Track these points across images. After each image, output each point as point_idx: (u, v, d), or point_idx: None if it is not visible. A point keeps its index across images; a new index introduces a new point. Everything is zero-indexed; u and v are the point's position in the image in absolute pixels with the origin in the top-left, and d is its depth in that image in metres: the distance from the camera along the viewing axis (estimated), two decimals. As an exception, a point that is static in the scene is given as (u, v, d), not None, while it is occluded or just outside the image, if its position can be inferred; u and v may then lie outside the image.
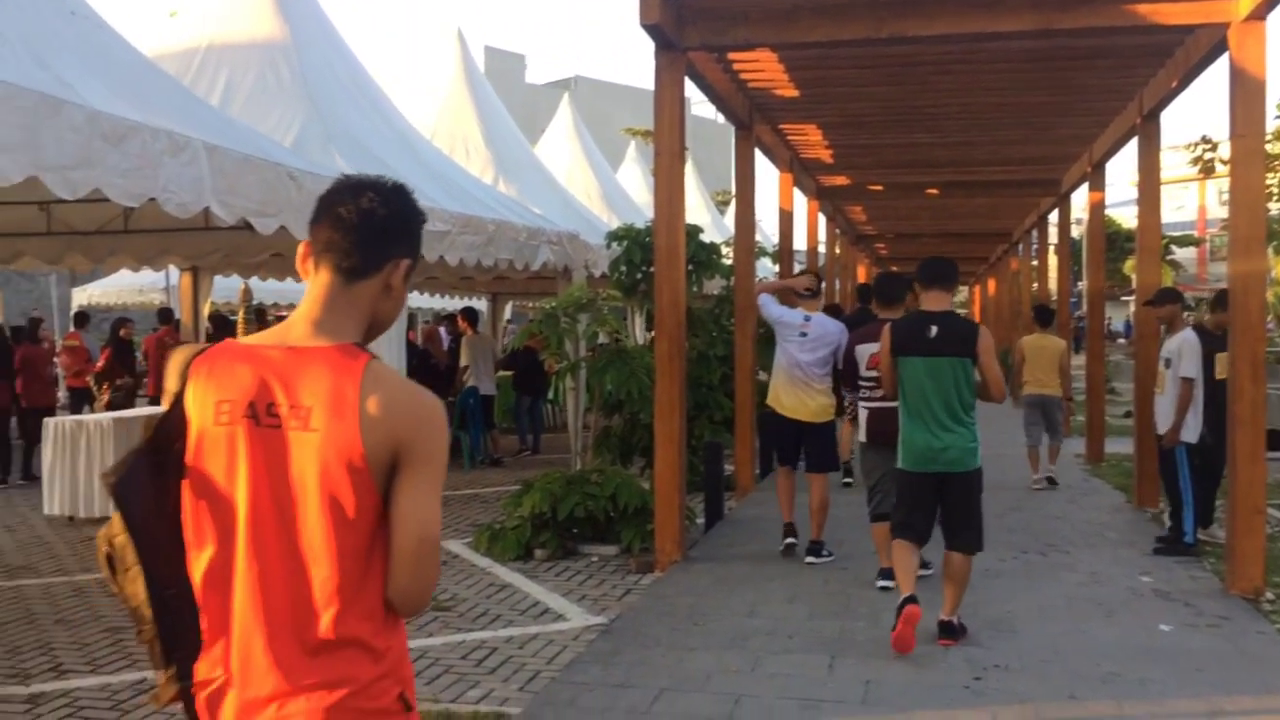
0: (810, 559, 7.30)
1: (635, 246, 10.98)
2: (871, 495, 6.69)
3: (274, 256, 10.03)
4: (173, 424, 1.88)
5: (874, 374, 6.45)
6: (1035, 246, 20.81)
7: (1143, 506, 9.30)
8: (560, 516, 7.74)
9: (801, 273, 8.55)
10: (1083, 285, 29.23)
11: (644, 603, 6.36)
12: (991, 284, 31.18)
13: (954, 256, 26.61)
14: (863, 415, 6.83)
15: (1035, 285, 21.16)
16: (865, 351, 6.72)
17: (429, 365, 12.51)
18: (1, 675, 5.30)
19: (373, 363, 1.86)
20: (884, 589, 6.32)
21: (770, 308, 7.83)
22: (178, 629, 1.88)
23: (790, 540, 7.57)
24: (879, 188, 17.20)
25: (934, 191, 16.90)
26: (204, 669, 1.87)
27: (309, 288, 1.94)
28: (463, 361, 12.64)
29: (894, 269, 30.09)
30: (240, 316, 4.07)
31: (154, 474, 1.89)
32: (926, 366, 5.43)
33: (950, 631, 5.46)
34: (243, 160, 6.55)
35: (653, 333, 8.67)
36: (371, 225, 1.92)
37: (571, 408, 10.85)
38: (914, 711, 4.49)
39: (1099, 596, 6.36)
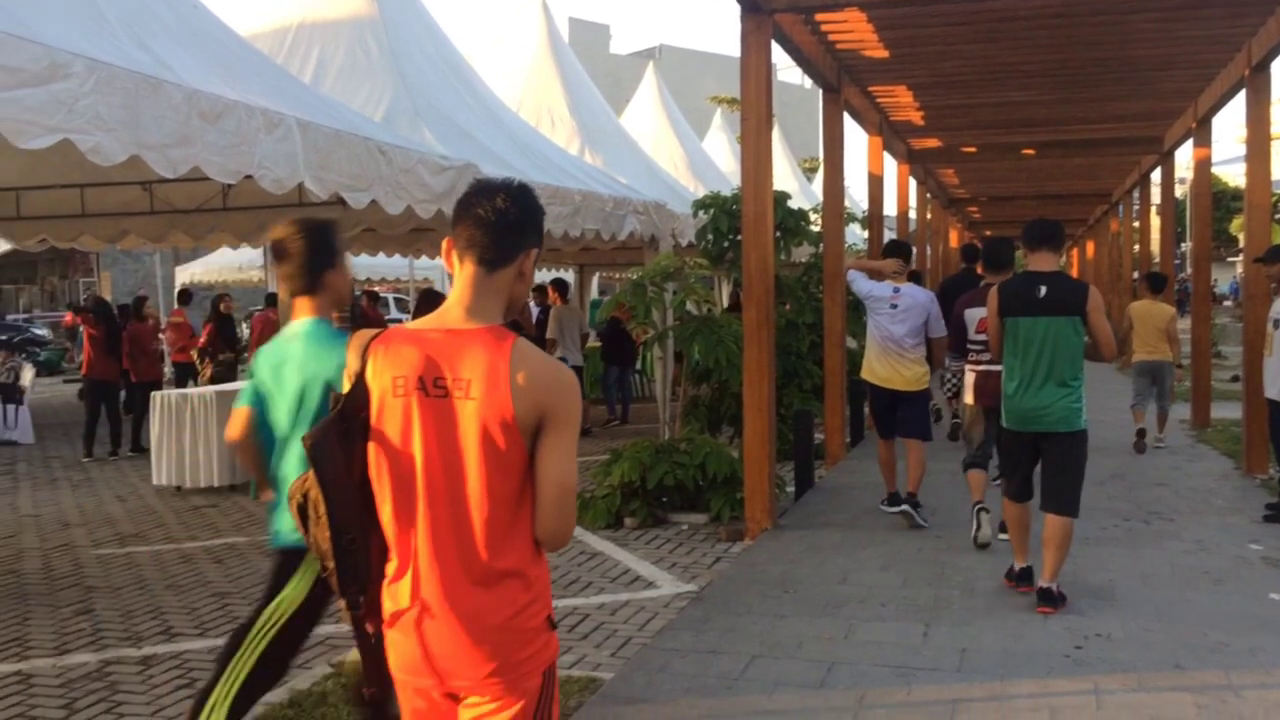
0: (904, 507, 7.44)
1: (722, 214, 10.89)
2: (970, 449, 6.94)
3: (365, 232, 10.19)
4: (357, 396, 2.23)
5: (982, 337, 6.58)
6: (1137, 207, 20.12)
7: (1251, 473, 8.96)
8: (649, 485, 7.77)
9: (889, 244, 8.48)
10: (1186, 246, 28.21)
11: (734, 570, 6.35)
12: (1090, 247, 30.31)
13: (1053, 218, 26.02)
14: (969, 377, 6.96)
15: (1137, 248, 20.49)
16: (974, 316, 6.80)
17: (518, 336, 12.62)
18: (116, 638, 5.52)
19: (518, 342, 2.20)
20: (983, 512, 6.68)
21: (859, 283, 7.88)
22: (355, 568, 2.24)
23: (894, 509, 7.52)
24: (972, 149, 16.79)
25: (1030, 152, 16.43)
26: (390, 598, 2.22)
27: (457, 279, 2.25)
28: (550, 333, 12.72)
29: (988, 233, 29.44)
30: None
31: (342, 438, 2.21)
32: (1034, 327, 5.41)
33: (1049, 599, 5.37)
34: (334, 136, 6.66)
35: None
36: (505, 222, 2.23)
37: (659, 377, 10.87)
38: (1011, 680, 4.40)
39: (1205, 564, 6.15)
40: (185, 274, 21.34)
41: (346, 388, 2.26)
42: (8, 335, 23.35)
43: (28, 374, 14.26)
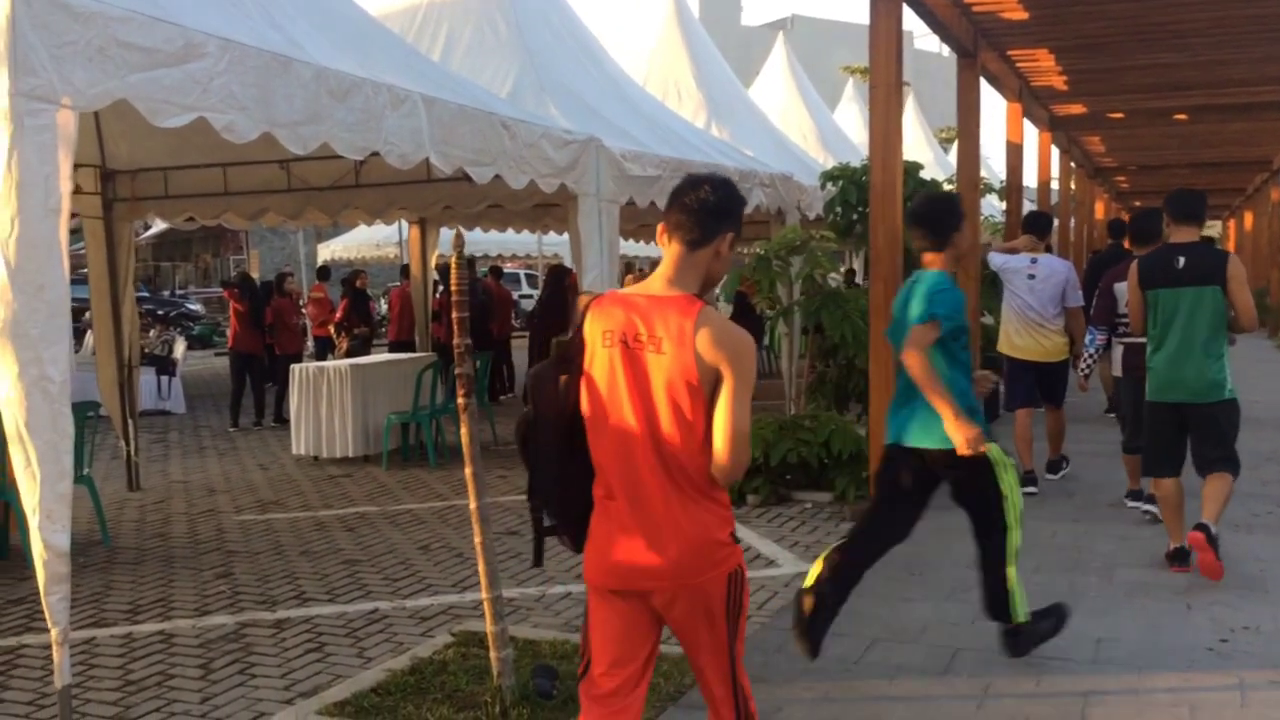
0: (1049, 475, 7.78)
1: (851, 186, 10.63)
2: (1125, 427, 7.01)
3: (491, 208, 10.31)
4: (574, 344, 2.76)
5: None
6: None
7: None
8: (773, 462, 7.66)
9: (1028, 216, 8.45)
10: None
11: (858, 550, 6.19)
12: (1248, 217, 28.61)
13: (1205, 188, 24.57)
14: (1118, 351, 7.09)
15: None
16: (1123, 289, 6.76)
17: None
18: (252, 601, 5.74)
19: (705, 308, 2.65)
20: (1143, 508, 6.72)
21: (994, 258, 8.00)
22: (544, 480, 2.84)
23: (1030, 490, 7.34)
24: (1119, 115, 15.99)
25: (1182, 117, 15.56)
26: (598, 515, 2.74)
27: (665, 255, 2.74)
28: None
29: (1137, 204, 28.13)
30: (453, 263, 4.21)
31: (557, 378, 2.78)
32: (1174, 298, 5.43)
33: (1205, 531, 5.20)
34: (458, 111, 6.72)
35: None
36: (707, 209, 2.68)
37: (785, 352, 10.70)
38: (1148, 673, 4.18)
39: (1371, 556, 5.75)
40: (326, 251, 22.02)
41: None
42: (163, 310, 24.56)
43: (180, 347, 14.98)
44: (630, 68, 14.20)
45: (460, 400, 4.32)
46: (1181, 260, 5.42)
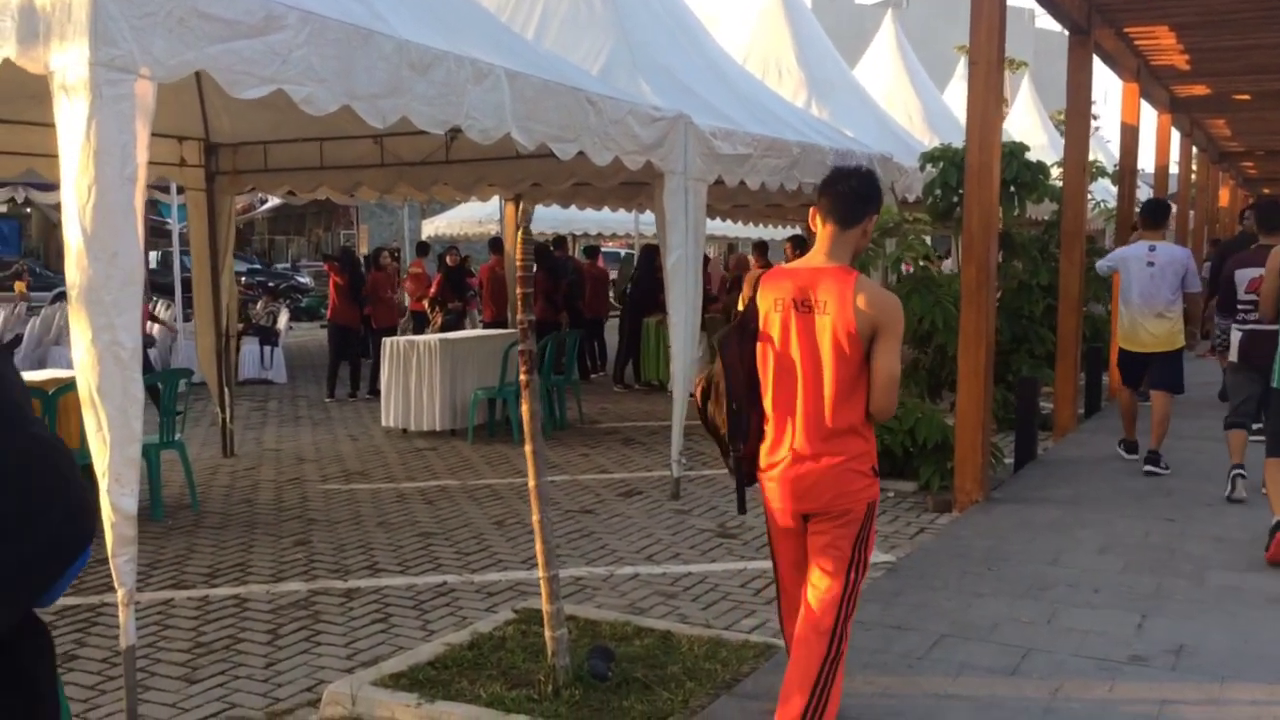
0: (1148, 468, 7.68)
1: (951, 168, 10.30)
2: (1234, 410, 6.98)
3: (581, 185, 10.28)
4: (750, 311, 3.39)
5: (1251, 297, 6.70)
6: None
7: None
8: (856, 449, 7.49)
9: (1147, 203, 8.57)
10: None
11: (936, 543, 6.02)
12: (1390, 206, 26.96)
13: (1341, 175, 23.19)
14: (1235, 337, 7.01)
15: None
16: (1245, 276, 6.93)
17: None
18: (326, 570, 5.84)
19: (860, 276, 3.25)
20: (1239, 478, 6.81)
21: (1107, 260, 8.25)
22: (739, 427, 3.40)
23: (1134, 456, 7.99)
24: (1246, 97, 15.18)
25: (1316, 99, 14.71)
26: (768, 454, 3.35)
27: (820, 235, 3.35)
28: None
29: (1265, 191, 26.76)
30: (518, 236, 4.20)
31: (740, 339, 3.39)
32: None
33: None
34: (542, 86, 6.68)
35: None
36: (855, 195, 3.31)
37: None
38: (1233, 683, 3.93)
39: None
40: (430, 227, 22.37)
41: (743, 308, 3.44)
42: (274, 283, 25.27)
43: (283, 317, 15.37)
44: (731, 45, 14.01)
45: (522, 377, 4.29)
46: None
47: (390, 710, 3.85)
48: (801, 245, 15.48)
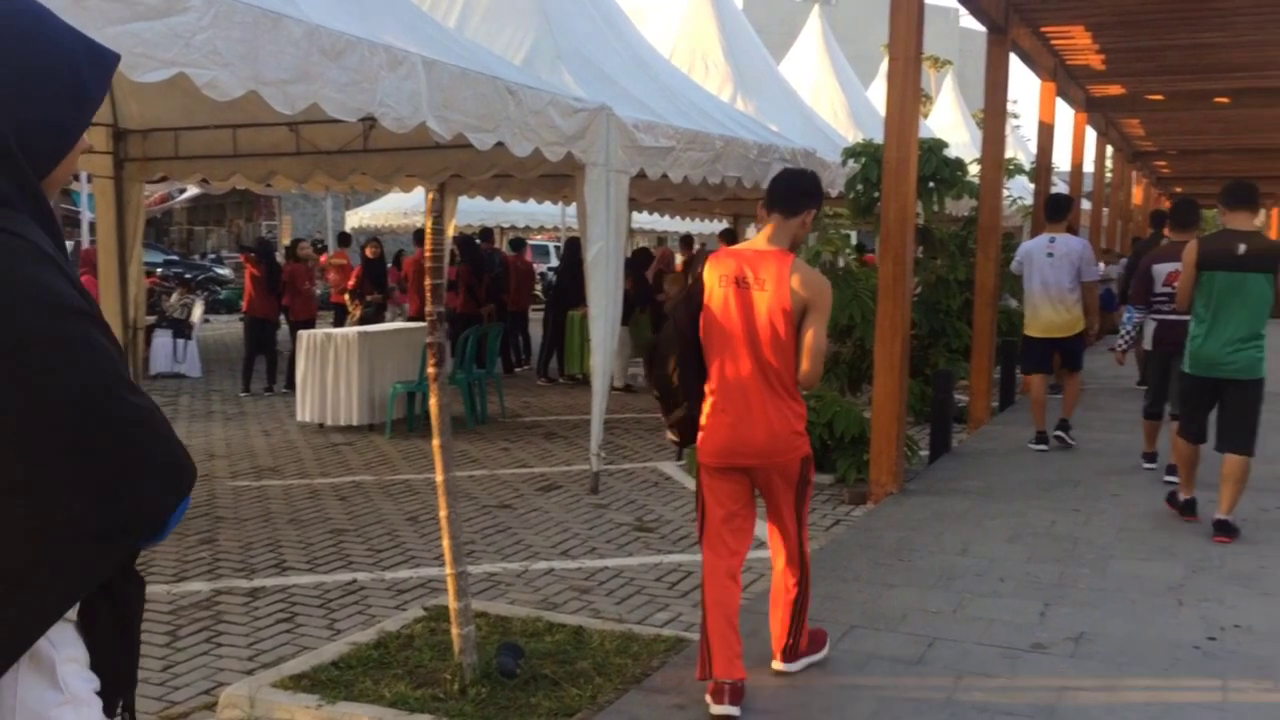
0: (1057, 433, 8.46)
1: (873, 163, 10.40)
2: (1148, 395, 7.60)
3: (503, 177, 10.18)
4: (698, 285, 3.79)
5: (1169, 290, 7.10)
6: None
7: None
8: (773, 441, 7.53)
9: (1049, 199, 8.94)
10: None
11: (850, 535, 6.07)
12: (1294, 206, 27.91)
13: (1249, 175, 23.97)
14: (1150, 327, 7.49)
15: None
16: (1162, 270, 7.33)
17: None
18: (231, 568, 5.70)
19: (796, 259, 3.70)
20: (1147, 469, 7.55)
21: (1016, 256, 8.68)
22: (686, 391, 3.83)
23: (1041, 447, 8.34)
24: (1159, 97, 15.57)
25: (1224, 100, 15.12)
26: (710, 413, 3.76)
27: (766, 224, 3.80)
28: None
29: (1178, 190, 27.52)
30: (427, 226, 4.14)
31: (688, 308, 3.82)
32: (1231, 281, 5.75)
33: (1226, 529, 5.75)
34: (460, 75, 6.58)
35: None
36: (798, 191, 3.81)
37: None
38: (1127, 670, 4.02)
39: (1380, 557, 5.53)
40: (354, 218, 22.03)
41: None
42: (192, 274, 24.70)
43: (197, 310, 15.02)
44: (658, 39, 13.99)
45: (430, 370, 4.21)
46: (1243, 247, 5.74)
47: (290, 713, 3.76)
48: (731, 238, 15.64)
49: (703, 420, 3.78)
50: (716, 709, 3.61)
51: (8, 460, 1.26)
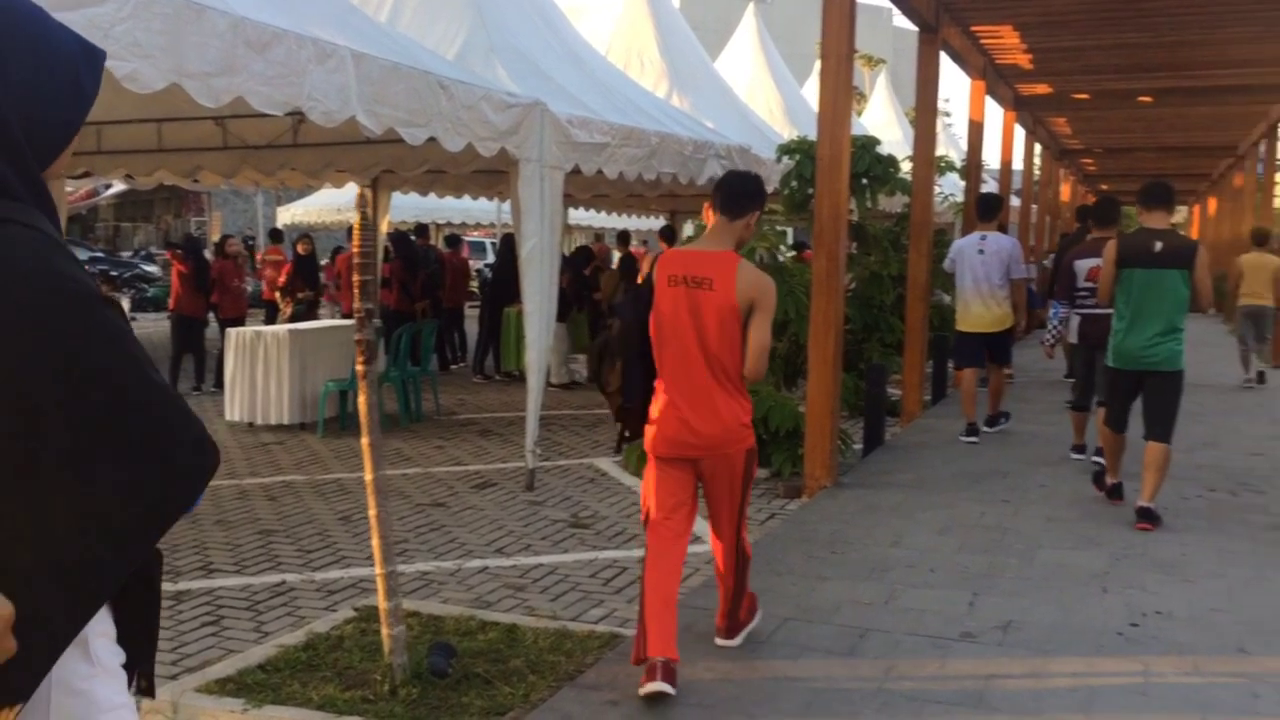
0: (986, 429, 8.74)
1: (807, 160, 10.45)
2: (1075, 388, 7.90)
3: (435, 173, 10.09)
4: (647, 284, 3.93)
5: (1091, 285, 7.38)
6: (1264, 161, 18.88)
7: (1365, 447, 8.33)
8: (709, 436, 7.55)
9: (979, 199, 9.27)
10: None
11: (784, 529, 6.11)
12: (1213, 203, 28.68)
13: (1172, 173, 24.64)
14: (1074, 321, 7.79)
15: (1261, 203, 19.26)
16: (1083, 266, 7.60)
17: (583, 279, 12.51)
18: (157, 567, 5.56)
19: (742, 260, 3.84)
20: (1075, 460, 7.74)
21: (949, 254, 8.92)
22: (635, 386, 4.06)
23: (973, 439, 8.52)
24: (1085, 96, 15.90)
25: (1147, 99, 15.50)
26: (659, 404, 3.91)
27: (711, 224, 3.96)
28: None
29: (1103, 187, 28.13)
30: (357, 221, 4.10)
31: (637, 306, 4.00)
32: (1149, 278, 5.97)
33: (1149, 516, 5.93)
34: (391, 69, 6.50)
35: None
36: (742, 193, 3.93)
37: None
38: (1054, 657, 4.09)
39: (1294, 543, 5.70)
40: (286, 214, 21.68)
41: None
42: (118, 271, 24.15)
43: (123, 308, 14.66)
44: (594, 36, 13.95)
45: (359, 367, 4.15)
46: (1159, 245, 5.97)
47: (214, 717, 3.68)
48: (670, 235, 15.67)
49: (654, 414, 3.92)
50: (649, 686, 3.64)
51: (54, 444, 1.30)
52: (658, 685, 3.63)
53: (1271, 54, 12.48)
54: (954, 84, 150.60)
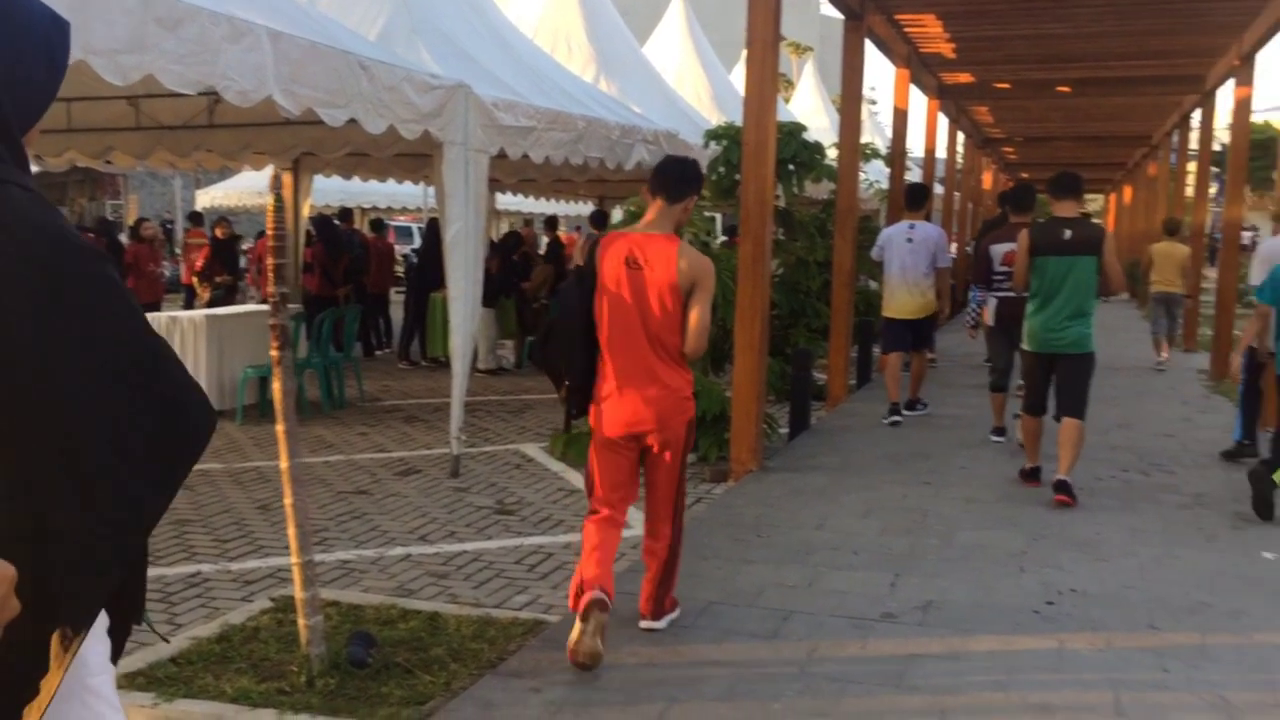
0: (907, 411, 8.90)
1: (734, 146, 10.47)
2: (993, 370, 8.14)
3: (359, 156, 9.91)
4: (589, 268, 4.05)
5: (1006, 269, 7.61)
6: (1176, 151, 19.39)
7: (1267, 427, 8.57)
8: (636, 421, 7.54)
9: (907, 188, 9.56)
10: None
11: (710, 513, 6.12)
12: (1128, 192, 29.41)
13: (1089, 162, 25.15)
14: (992, 304, 8.08)
15: (1174, 192, 19.79)
16: (999, 250, 7.91)
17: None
18: (66, 560, 5.39)
19: (682, 242, 4.03)
20: (995, 442, 7.90)
21: (878, 242, 9.15)
22: (573, 365, 4.09)
23: (895, 419, 8.70)
24: (1006, 85, 16.16)
25: (1066, 89, 15.78)
26: (606, 385, 4.04)
27: (650, 208, 4.11)
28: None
29: (1024, 175, 28.66)
30: (270, 203, 3.98)
31: (579, 289, 4.08)
32: (1061, 264, 6.23)
33: (1065, 489, 6.10)
34: (309, 48, 6.35)
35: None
36: (681, 178, 4.11)
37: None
38: (972, 636, 4.15)
39: (1200, 520, 5.86)
40: (206, 197, 21.17)
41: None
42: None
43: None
44: (520, 19, 13.80)
45: (273, 353, 4.05)
46: (1068, 232, 6.23)
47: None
48: (602, 220, 15.60)
49: (600, 393, 4.04)
50: (588, 595, 3.84)
51: (67, 394, 1.32)
52: (596, 594, 3.85)
53: (1184, 46, 12.80)
54: (881, 73, 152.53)
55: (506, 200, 19.85)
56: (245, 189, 20.08)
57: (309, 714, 3.56)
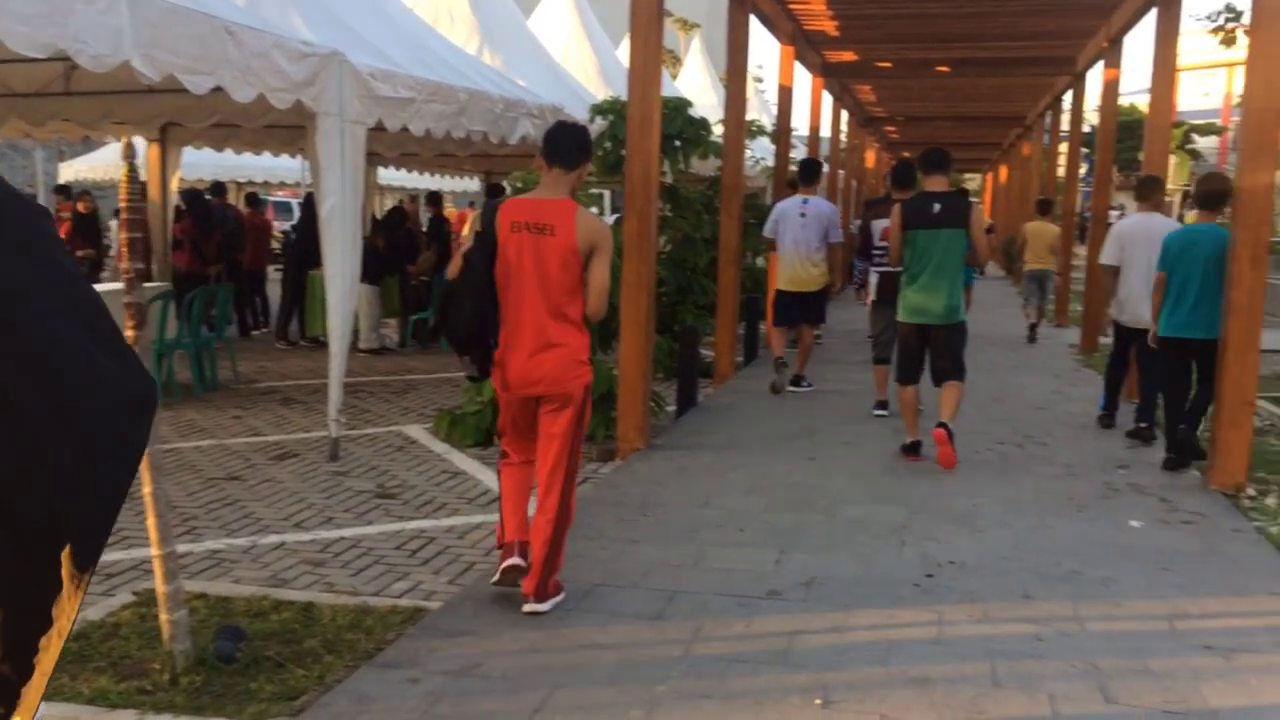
0: (791, 389, 9.08)
1: (621, 121, 10.37)
2: (876, 344, 8.27)
3: (229, 128, 9.50)
4: (489, 232, 4.13)
5: (885, 244, 7.72)
6: (1049, 132, 19.99)
7: (1131, 398, 8.89)
8: (521, 400, 7.42)
9: (800, 163, 9.77)
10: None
11: (595, 493, 6.05)
12: (1004, 170, 30.28)
13: (968, 142, 25.70)
14: (873, 279, 8.32)
15: (1046, 171, 20.41)
16: (878, 226, 8.16)
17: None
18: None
19: (579, 207, 4.11)
20: (878, 416, 8.05)
21: (770, 218, 9.30)
22: (482, 327, 4.15)
23: (780, 370, 9.01)
24: (888, 64, 16.39)
25: (944, 69, 16.08)
26: (505, 344, 4.13)
27: (545, 177, 4.20)
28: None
29: (905, 155, 29.24)
30: (123, 175, 3.72)
31: (482, 252, 4.12)
32: (930, 237, 6.42)
33: (944, 428, 6.31)
34: (170, 11, 6.02)
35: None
36: (574, 146, 4.21)
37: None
38: (854, 610, 4.18)
39: (1072, 490, 6.03)
40: (69, 171, 20.15)
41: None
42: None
43: None
44: (399, -13, 13.41)
45: (128, 333, 3.82)
46: (937, 206, 6.43)
47: (-35, 719, 3.34)
48: (497, 194, 15.37)
49: (499, 354, 4.16)
50: (506, 562, 4.20)
51: (64, 341, 1.28)
52: (513, 560, 4.18)
53: (1056, 28, 13.14)
54: (768, 51, 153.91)
55: (389, 175, 19.39)
56: (111, 162, 19.11)
57: (171, 713, 3.38)
